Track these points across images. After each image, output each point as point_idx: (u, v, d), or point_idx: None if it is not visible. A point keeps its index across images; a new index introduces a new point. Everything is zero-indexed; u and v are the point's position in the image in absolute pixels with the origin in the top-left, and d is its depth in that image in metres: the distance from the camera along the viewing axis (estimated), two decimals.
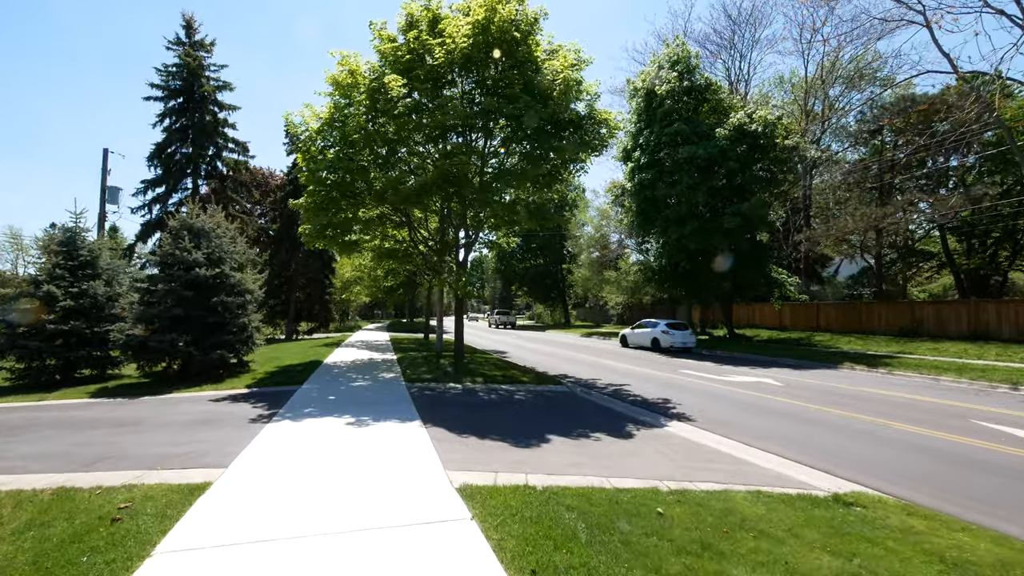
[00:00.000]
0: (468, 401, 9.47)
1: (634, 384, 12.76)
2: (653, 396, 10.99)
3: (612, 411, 9.22)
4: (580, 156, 13.49)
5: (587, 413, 8.89)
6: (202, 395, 9.84)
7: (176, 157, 24.60)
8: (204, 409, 8.35)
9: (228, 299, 11.82)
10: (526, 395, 10.40)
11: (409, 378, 11.63)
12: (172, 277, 11.55)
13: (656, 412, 9.23)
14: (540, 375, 13.19)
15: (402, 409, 8.32)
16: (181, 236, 11.92)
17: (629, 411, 9.29)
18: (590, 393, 11.24)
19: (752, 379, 13.78)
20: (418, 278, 25.14)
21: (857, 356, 18.48)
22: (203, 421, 7.45)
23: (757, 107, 24.03)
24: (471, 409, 8.73)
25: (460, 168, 10.52)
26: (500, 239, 17.94)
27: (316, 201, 12.73)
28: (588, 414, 8.80)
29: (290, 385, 10.70)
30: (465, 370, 12.90)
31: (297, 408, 8.30)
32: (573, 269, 50.21)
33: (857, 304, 28.86)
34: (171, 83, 24.73)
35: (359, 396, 9.53)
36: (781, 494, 4.68)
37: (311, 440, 6.24)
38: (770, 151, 22.65)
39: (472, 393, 10.31)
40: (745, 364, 17.49)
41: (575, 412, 8.96)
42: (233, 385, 10.73)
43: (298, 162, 13.04)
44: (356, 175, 11.78)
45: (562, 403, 9.79)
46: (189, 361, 11.33)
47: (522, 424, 7.73)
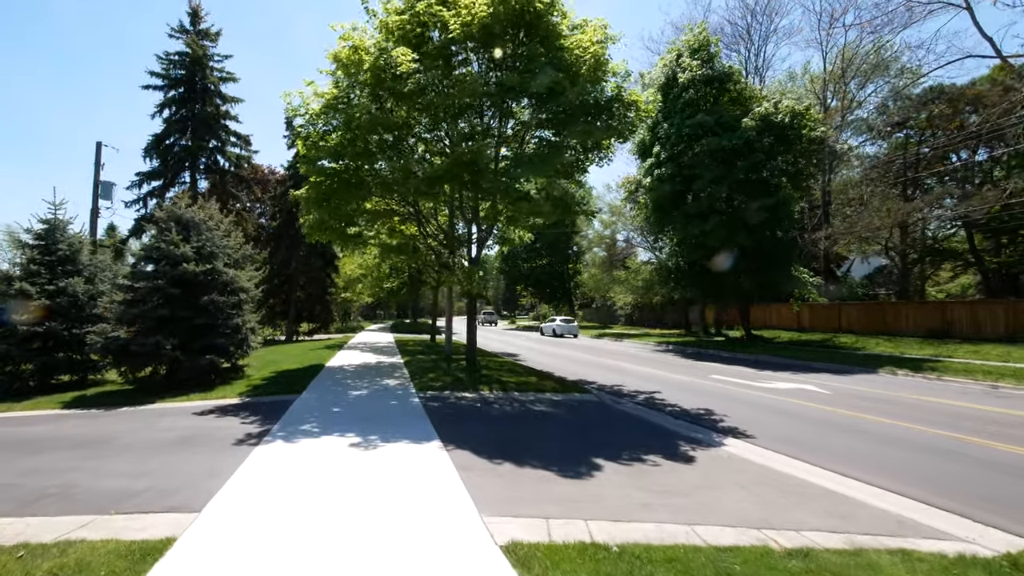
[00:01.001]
0: (489, 414, 8.31)
1: (665, 392, 11.59)
2: (693, 406, 9.82)
3: (654, 425, 8.04)
4: (604, 143, 12.35)
5: (628, 428, 7.72)
6: (188, 406, 8.70)
7: (175, 149, 23.48)
8: (186, 425, 7.21)
9: (220, 298, 10.68)
10: (552, 406, 9.24)
11: (420, 386, 10.47)
12: (158, 273, 10.42)
13: (704, 427, 8.06)
14: (562, 382, 12.02)
15: (416, 425, 7.17)
16: (168, 228, 10.80)
17: (673, 425, 8.12)
18: (621, 402, 10.09)
19: (792, 385, 12.60)
20: (424, 277, 23.99)
21: (894, 360, 17.26)
22: (182, 441, 6.30)
23: (782, 96, 22.82)
24: (495, 424, 7.57)
25: (478, 153, 9.36)
26: (514, 234, 16.78)
27: (318, 191, 11.59)
28: (629, 429, 7.63)
29: (287, 394, 9.56)
30: (480, 376, 11.75)
31: (294, 423, 7.15)
32: (581, 269, 49.02)
33: (882, 304, 27.63)
34: (173, 72, 23.61)
35: (365, 408, 8.37)
36: (933, 554, 3.51)
37: (307, 470, 5.08)
38: (797, 143, 21.43)
39: (491, 404, 9.15)
40: (777, 368, 16.29)
41: (613, 427, 7.80)
42: (224, 394, 9.59)
43: (298, 149, 11.91)
44: (361, 161, 10.63)
45: (594, 415, 8.63)
46: (176, 366, 10.20)
47: (559, 444, 6.57)
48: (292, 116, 11.70)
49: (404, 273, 23.96)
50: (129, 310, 10.15)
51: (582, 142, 10.98)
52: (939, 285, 39.85)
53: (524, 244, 17.65)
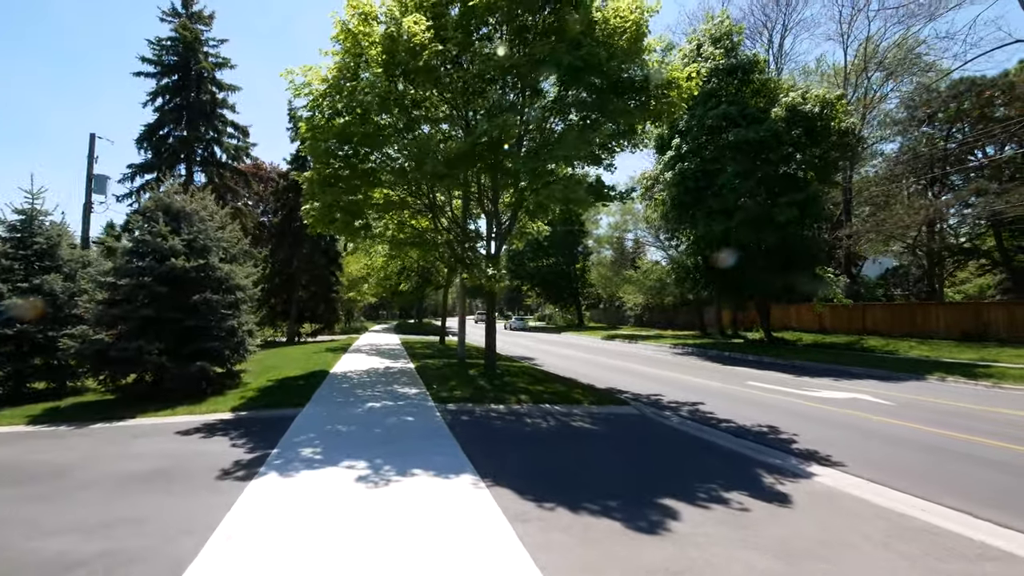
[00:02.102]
0: (523, 432, 7.12)
1: (709, 402, 10.40)
2: (749, 421, 8.63)
3: (717, 447, 6.85)
4: (637, 127, 11.17)
5: (688, 451, 6.53)
6: (172, 422, 7.52)
7: (169, 140, 22.32)
8: (166, 449, 6.02)
9: (213, 297, 9.51)
10: (592, 420, 8.05)
11: (438, 396, 9.28)
12: (143, 269, 9.24)
13: (776, 448, 6.88)
14: (593, 390, 10.83)
15: (441, 448, 5.98)
16: (155, 219, 9.63)
17: (737, 445, 6.94)
18: (665, 416, 8.90)
19: (844, 394, 11.41)
20: (434, 276, 22.81)
21: (937, 365, 16.05)
22: (157, 473, 5.12)
23: (809, 87, 21.61)
24: (534, 446, 6.38)
25: (505, 130, 8.15)
26: (531, 228, 15.61)
27: (322, 175, 10.43)
28: (692, 454, 6.44)
29: (288, 407, 8.37)
30: (503, 385, 10.56)
31: (293, 447, 5.96)
32: (590, 268, 47.80)
33: (910, 305, 26.42)
34: (165, 58, 22.44)
35: (378, 424, 7.18)
36: None
37: (308, 521, 3.89)
38: (827, 135, 20.21)
39: (523, 418, 7.96)
40: (814, 374, 15.06)
41: (670, 449, 6.62)
42: (215, 407, 8.41)
43: (300, 133, 10.73)
44: (371, 145, 9.46)
45: (643, 433, 7.44)
46: (163, 374, 9.01)
47: (619, 475, 5.39)
48: (295, 95, 10.54)
49: (414, 273, 22.76)
50: (109, 310, 8.99)
51: (619, 123, 9.79)
52: (955, 286, 38.65)
53: (540, 238, 16.44)
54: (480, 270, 10.88)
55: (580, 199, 9.46)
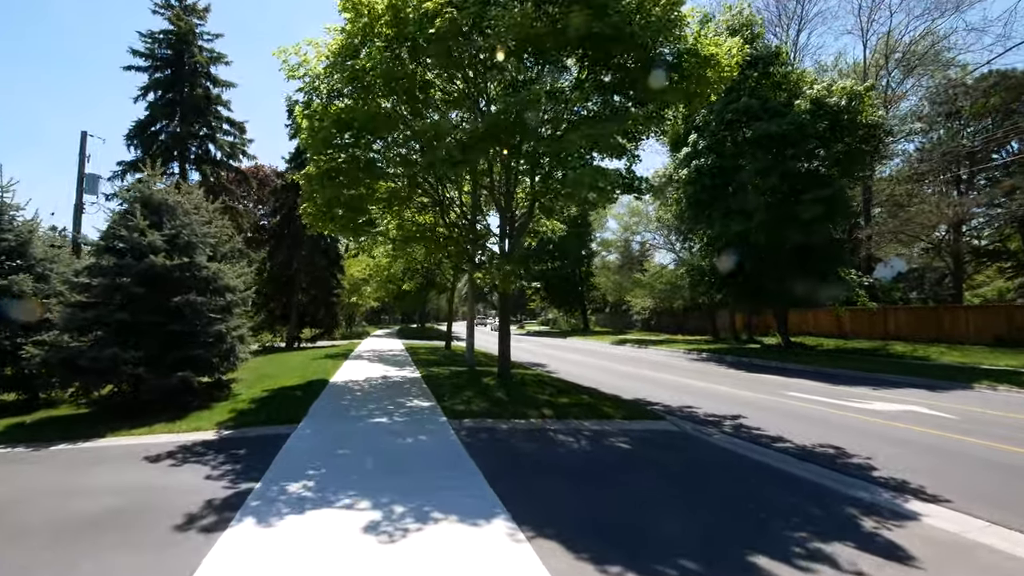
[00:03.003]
0: (557, 457, 6.05)
1: (751, 416, 9.33)
2: (806, 440, 7.55)
3: (785, 475, 5.77)
4: (667, 112, 10.16)
5: (756, 482, 5.46)
6: (144, 443, 6.48)
7: (161, 137, 21.34)
8: (126, 482, 4.97)
9: (198, 299, 8.48)
10: (630, 440, 6.98)
11: (451, 410, 8.21)
12: (119, 268, 8.22)
13: (856, 476, 5.81)
14: (620, 402, 9.75)
15: (462, 481, 4.91)
16: (133, 212, 8.61)
17: (809, 473, 5.85)
18: (708, 433, 7.84)
19: (895, 407, 10.33)
20: (439, 277, 21.75)
21: (980, 372, 14.96)
22: (105, 518, 4.06)
23: (834, 79, 20.62)
24: (573, 477, 5.30)
25: (530, 105, 7.10)
26: (545, 225, 14.61)
27: (321, 169, 9.43)
28: (760, 485, 5.37)
29: (281, 424, 7.32)
30: (520, 395, 9.49)
31: (283, 480, 4.89)
32: (596, 272, 46.73)
33: (936, 309, 25.29)
34: (158, 51, 21.48)
35: (385, 448, 6.12)
36: None
37: None
38: (854, 129, 19.16)
39: (552, 437, 6.90)
40: (851, 382, 13.96)
41: (731, 479, 5.56)
42: (198, 423, 7.36)
43: (296, 118, 9.74)
44: (374, 129, 8.46)
45: (692, 456, 6.38)
46: (139, 386, 7.95)
47: (683, 519, 4.33)
48: (290, 76, 9.55)
49: (419, 274, 21.71)
50: (80, 314, 7.96)
51: (650, 105, 8.77)
52: (972, 289, 37.59)
53: (554, 237, 15.42)
54: (494, 268, 9.83)
55: (607, 188, 8.41)
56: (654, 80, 8.78)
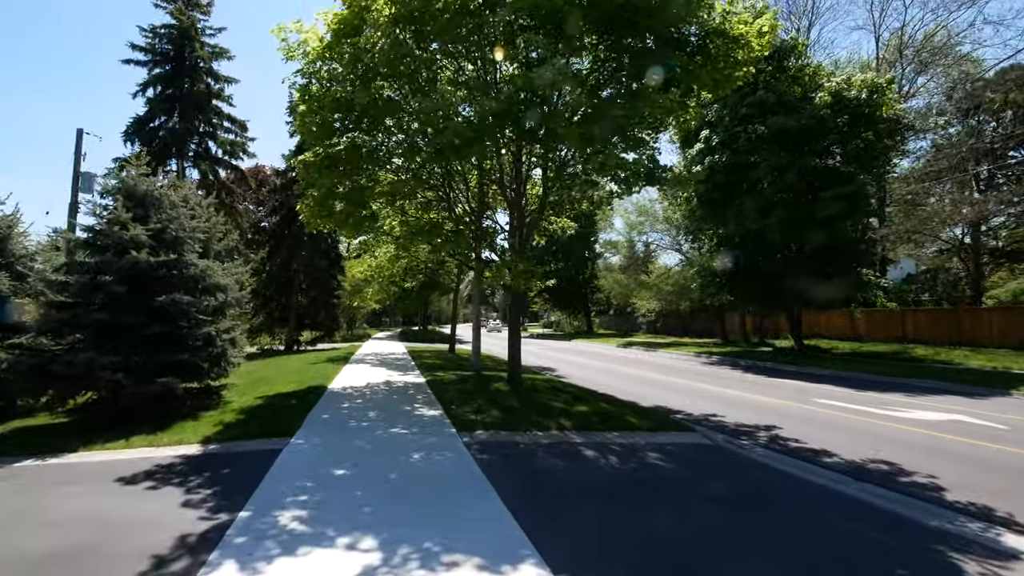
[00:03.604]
0: (586, 478, 5.31)
1: (783, 425, 8.61)
2: (851, 453, 6.84)
3: (847, 500, 5.04)
4: (690, 100, 9.44)
5: (817, 511, 4.72)
6: (120, 458, 5.77)
7: (160, 133, 20.68)
8: (89, 509, 4.26)
9: (184, 298, 7.77)
10: (662, 456, 6.25)
11: (461, 420, 7.49)
12: (99, 265, 7.53)
13: (928, 501, 5.10)
14: (640, 410, 9.02)
15: (480, 509, 4.19)
16: (114, 204, 7.93)
17: (873, 497, 5.12)
18: (744, 446, 7.11)
19: (937, 415, 9.59)
20: (443, 277, 21.05)
21: (1014, 377, 14.22)
22: (58, 558, 3.36)
23: (854, 72, 19.91)
24: (609, 504, 4.58)
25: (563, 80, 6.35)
26: (555, 225, 13.90)
27: (319, 157, 8.74)
28: (822, 513, 4.65)
29: (273, 436, 6.60)
30: (534, 403, 8.77)
31: (272, 508, 4.18)
32: (603, 274, 45.96)
33: (956, 311, 24.48)
34: (158, 46, 20.85)
35: (386, 466, 5.39)
36: None
37: None
38: (874, 123, 18.44)
39: (577, 453, 6.17)
40: (879, 388, 13.20)
41: (788, 505, 4.83)
42: (181, 435, 6.65)
43: (294, 103, 9.06)
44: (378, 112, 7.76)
45: (736, 476, 5.66)
46: (117, 393, 7.23)
47: (748, 564, 3.60)
48: (287, 57, 8.89)
49: (420, 274, 21.01)
50: (54, 315, 7.27)
51: (678, 88, 8.05)
52: (984, 291, 36.81)
53: (564, 235, 14.71)
54: (505, 267, 9.11)
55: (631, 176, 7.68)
56: (679, 63, 8.09)
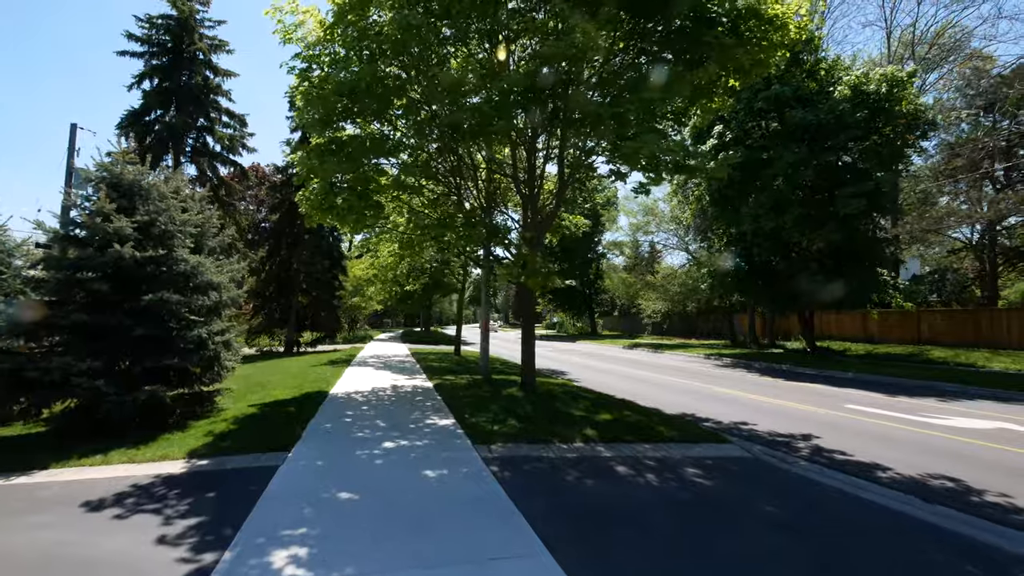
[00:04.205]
0: (626, 502, 4.63)
1: (820, 435, 7.97)
2: (905, 466, 6.20)
3: (921, 523, 4.39)
4: (718, 87, 8.80)
5: (892, 541, 4.07)
6: (92, 478, 5.12)
7: (156, 127, 20.00)
8: (49, 542, 3.61)
9: (172, 297, 7.12)
10: (699, 471, 5.60)
11: (477, 430, 6.83)
12: (78, 261, 6.89)
13: (1009, 526, 4.44)
14: (668, 419, 8.35)
15: (509, 543, 3.54)
16: (96, 195, 7.28)
17: (944, 519, 4.48)
18: (785, 459, 6.45)
19: (981, 423, 8.95)
20: (448, 277, 20.40)
21: None
22: None
23: (871, 66, 19.29)
24: (661, 538, 3.91)
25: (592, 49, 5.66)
26: (569, 221, 13.27)
27: (319, 146, 8.11)
28: (901, 545, 3.99)
29: (268, 449, 5.95)
30: (552, 411, 8.11)
31: (265, 543, 3.52)
32: (608, 274, 45.32)
33: (974, 311, 23.83)
34: (156, 36, 20.18)
35: (401, 490, 4.73)
36: None
37: None
38: (894, 118, 17.79)
39: (609, 470, 5.50)
40: (909, 393, 12.55)
41: (852, 528, 4.18)
42: (166, 450, 5.99)
43: (293, 88, 8.41)
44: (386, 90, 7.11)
45: (787, 494, 5.00)
46: (97, 403, 6.56)
47: None
48: (284, 39, 8.24)
49: (425, 274, 20.36)
50: (25, 314, 6.61)
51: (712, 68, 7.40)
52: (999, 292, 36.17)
53: (576, 233, 14.08)
54: (518, 264, 8.45)
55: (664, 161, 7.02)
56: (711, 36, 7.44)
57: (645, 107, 6.55)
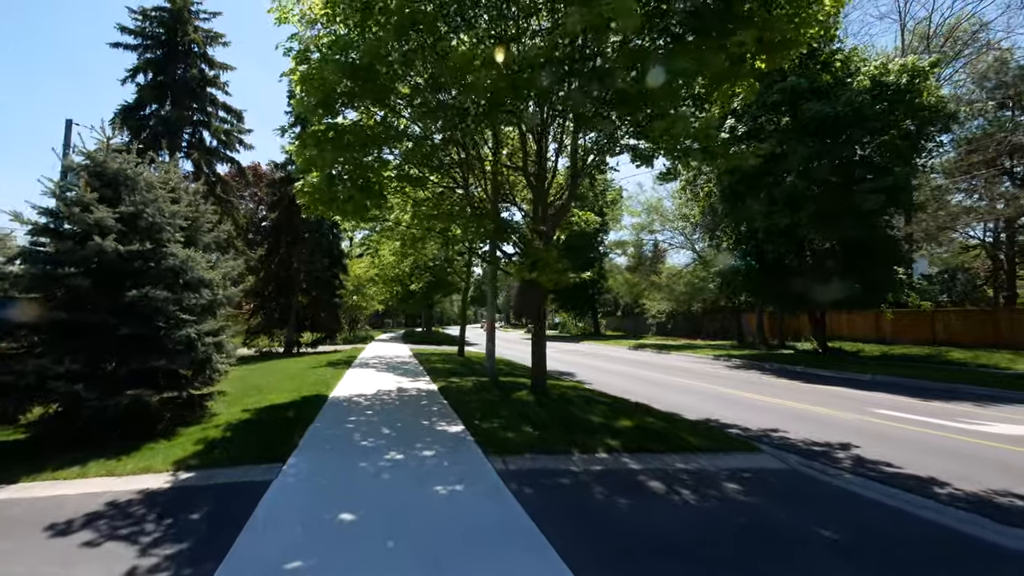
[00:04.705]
0: (663, 524, 4.07)
1: (860, 444, 7.39)
2: (966, 483, 5.61)
3: (1017, 555, 3.83)
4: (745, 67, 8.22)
5: None
6: (63, 495, 4.57)
7: (151, 122, 19.46)
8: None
9: (159, 294, 6.58)
10: (736, 485, 5.04)
11: (489, 438, 6.27)
12: (55, 255, 6.35)
13: None
14: (692, 426, 7.78)
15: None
16: (76, 184, 6.74)
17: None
18: (826, 472, 5.89)
19: None
20: (452, 275, 19.83)
21: None
22: None
23: (890, 57, 18.71)
24: (707, 565, 3.37)
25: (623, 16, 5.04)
26: (579, 218, 12.71)
27: (317, 133, 7.56)
28: None
29: (261, 461, 5.39)
30: (568, 417, 7.55)
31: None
32: (613, 274, 44.72)
33: (992, 312, 23.24)
34: (150, 29, 19.63)
35: (409, 511, 4.17)
36: None
37: None
38: (915, 110, 17.19)
39: (640, 485, 4.94)
40: (935, 396, 11.97)
41: (928, 562, 3.61)
42: (150, 461, 5.44)
43: (291, 70, 7.86)
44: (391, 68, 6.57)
45: (839, 513, 4.43)
46: (75, 408, 6.02)
47: None
48: (280, 20, 7.70)
49: (427, 272, 19.81)
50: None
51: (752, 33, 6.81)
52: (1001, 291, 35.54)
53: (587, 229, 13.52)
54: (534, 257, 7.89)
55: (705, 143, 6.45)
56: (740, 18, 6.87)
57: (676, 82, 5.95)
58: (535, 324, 9.61)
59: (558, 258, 7.69)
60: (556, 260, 7.78)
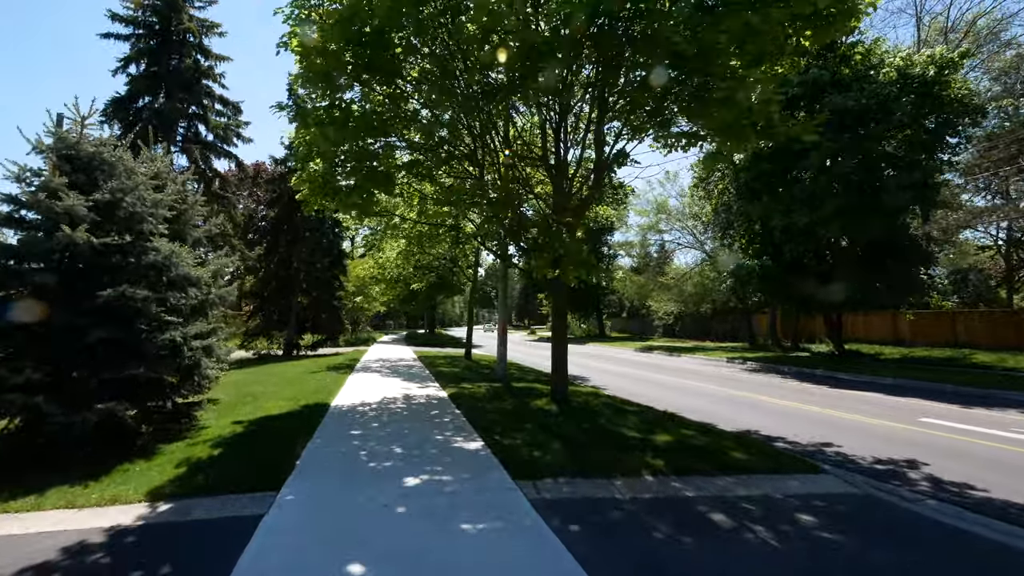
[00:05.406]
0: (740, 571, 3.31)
1: (926, 460, 6.61)
2: None
3: None
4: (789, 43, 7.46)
5: None
6: (11, 534, 3.77)
7: (144, 115, 18.67)
8: None
9: (140, 293, 5.78)
10: (811, 516, 4.25)
11: (515, 460, 5.45)
12: (16, 248, 5.56)
13: None
14: (736, 440, 6.98)
15: None
16: (47, 169, 5.95)
17: None
18: (905, 496, 5.10)
19: None
20: (458, 275, 19.04)
21: None
22: None
23: (913, 50, 17.96)
24: None
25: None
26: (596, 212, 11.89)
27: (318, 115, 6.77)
28: None
29: (251, 490, 4.59)
30: (598, 430, 6.75)
31: None
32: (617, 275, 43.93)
33: (1017, 313, 22.44)
34: (143, 17, 18.84)
35: (433, 562, 3.37)
36: None
37: None
38: (942, 104, 16.41)
39: (697, 517, 4.14)
40: (976, 403, 11.17)
41: None
42: (120, 489, 4.64)
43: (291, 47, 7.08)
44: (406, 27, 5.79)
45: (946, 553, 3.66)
46: (39, 423, 5.22)
47: None
48: None
49: (432, 272, 19.01)
50: None
51: None
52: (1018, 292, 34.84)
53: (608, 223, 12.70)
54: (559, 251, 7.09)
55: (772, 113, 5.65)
56: None
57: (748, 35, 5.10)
58: (555, 325, 8.81)
59: (586, 251, 6.90)
60: (583, 253, 6.99)
